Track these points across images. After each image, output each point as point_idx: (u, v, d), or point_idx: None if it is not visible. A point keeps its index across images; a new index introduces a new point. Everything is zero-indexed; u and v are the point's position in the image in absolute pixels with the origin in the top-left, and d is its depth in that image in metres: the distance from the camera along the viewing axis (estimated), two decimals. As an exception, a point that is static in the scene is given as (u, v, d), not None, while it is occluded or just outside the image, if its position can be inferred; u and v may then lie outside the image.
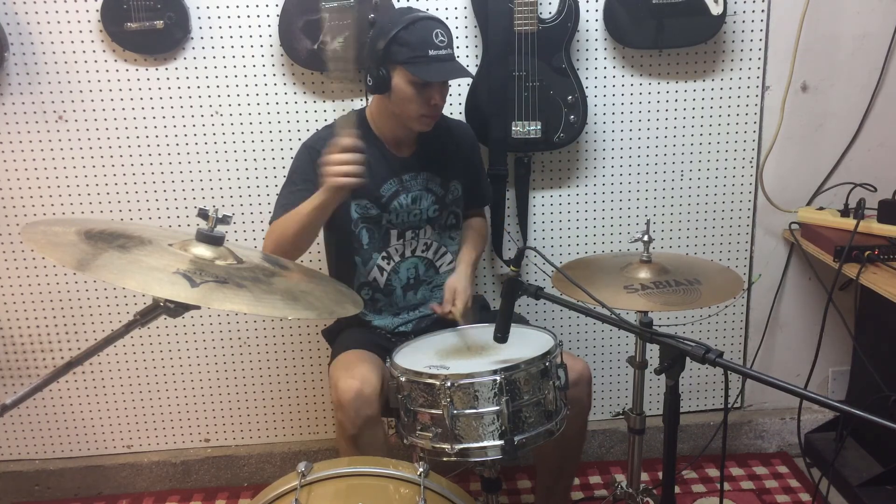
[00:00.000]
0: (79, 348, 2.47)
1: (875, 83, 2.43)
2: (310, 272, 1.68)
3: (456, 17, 2.32)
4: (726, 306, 2.59)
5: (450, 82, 1.98)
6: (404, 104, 1.90)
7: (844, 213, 2.32)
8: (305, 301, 1.39)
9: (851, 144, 2.48)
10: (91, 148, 2.35)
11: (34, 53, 2.27)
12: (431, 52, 1.84)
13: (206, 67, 2.31)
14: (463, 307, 2.00)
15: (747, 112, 2.44)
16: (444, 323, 2.04)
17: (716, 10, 2.25)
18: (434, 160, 2.06)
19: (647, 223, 1.94)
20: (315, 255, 2.34)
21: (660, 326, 1.64)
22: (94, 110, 2.32)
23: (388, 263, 2.05)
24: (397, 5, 2.25)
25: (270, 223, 1.95)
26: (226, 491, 2.60)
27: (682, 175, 2.49)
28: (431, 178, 2.05)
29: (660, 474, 2.26)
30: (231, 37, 2.30)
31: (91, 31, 2.27)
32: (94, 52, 2.28)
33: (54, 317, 2.47)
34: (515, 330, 1.70)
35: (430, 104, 1.91)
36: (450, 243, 2.13)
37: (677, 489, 2.44)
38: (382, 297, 2.07)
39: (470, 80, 2.31)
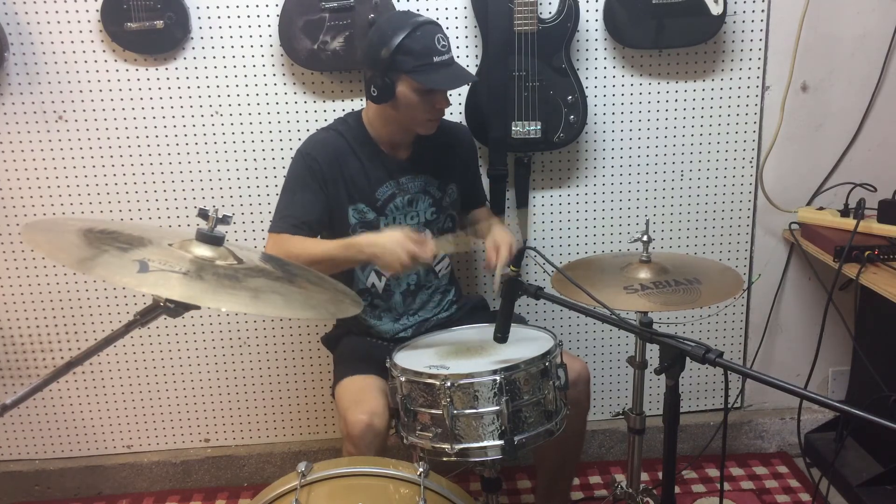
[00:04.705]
0: (79, 348, 2.47)
1: (875, 83, 2.43)
2: (310, 273, 1.68)
3: (456, 18, 2.32)
4: (726, 306, 2.59)
5: None
6: (410, 111, 1.90)
7: (844, 213, 2.32)
8: (271, 301, 1.36)
9: (851, 144, 2.48)
10: (91, 148, 2.35)
11: (34, 53, 2.27)
12: (436, 59, 1.84)
13: (206, 67, 2.31)
14: (508, 254, 1.95)
15: (747, 112, 2.44)
16: (445, 325, 2.04)
17: (716, 10, 2.25)
18: (431, 162, 2.06)
19: (647, 223, 1.94)
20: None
21: (660, 326, 1.63)
22: (94, 110, 2.32)
23: None
24: (397, 6, 2.25)
25: (271, 231, 1.94)
26: (226, 491, 2.60)
27: (682, 175, 2.49)
28: (429, 181, 2.05)
29: (660, 474, 2.26)
30: (231, 37, 2.30)
31: (91, 31, 2.26)
32: (94, 52, 2.28)
33: (54, 317, 2.47)
34: (515, 330, 1.70)
35: (436, 109, 1.92)
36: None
37: (677, 489, 2.44)
38: (382, 303, 2.07)
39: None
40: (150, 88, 2.32)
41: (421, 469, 1.48)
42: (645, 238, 1.91)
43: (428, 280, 2.09)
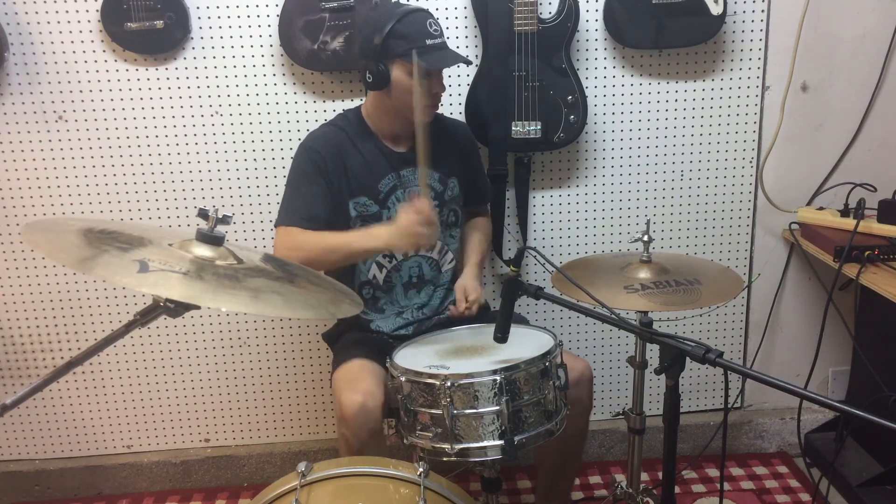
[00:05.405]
0: (79, 348, 2.47)
1: (875, 83, 2.43)
2: (310, 273, 1.68)
3: (456, 17, 2.32)
4: (726, 306, 2.59)
5: (448, 80, 1.99)
6: (405, 97, 1.90)
7: (844, 213, 2.32)
8: (270, 301, 1.36)
9: (851, 144, 2.48)
10: (91, 148, 2.35)
11: (34, 53, 2.27)
12: (429, 42, 1.87)
13: (206, 67, 2.31)
14: (476, 304, 2.01)
15: (747, 112, 2.44)
16: (445, 325, 2.04)
17: (716, 10, 2.25)
18: (432, 155, 2.05)
19: (647, 223, 1.94)
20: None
21: (660, 326, 1.64)
22: (94, 110, 2.32)
23: (390, 261, 2.05)
24: (397, 5, 2.25)
25: (278, 225, 1.95)
26: (226, 491, 2.60)
27: (682, 175, 2.49)
28: (430, 174, 2.05)
29: (660, 474, 2.26)
30: (231, 37, 2.30)
31: (91, 31, 2.27)
32: (94, 52, 2.28)
33: (54, 317, 2.47)
34: (515, 330, 1.70)
35: (431, 94, 1.93)
36: (451, 242, 2.13)
37: (677, 489, 2.44)
38: (383, 295, 2.07)
39: (470, 80, 2.31)
40: (150, 88, 2.32)
41: (421, 469, 1.48)
42: (645, 238, 1.91)
43: (433, 275, 2.10)
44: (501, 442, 1.60)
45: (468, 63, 2.00)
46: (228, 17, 2.28)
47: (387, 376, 1.78)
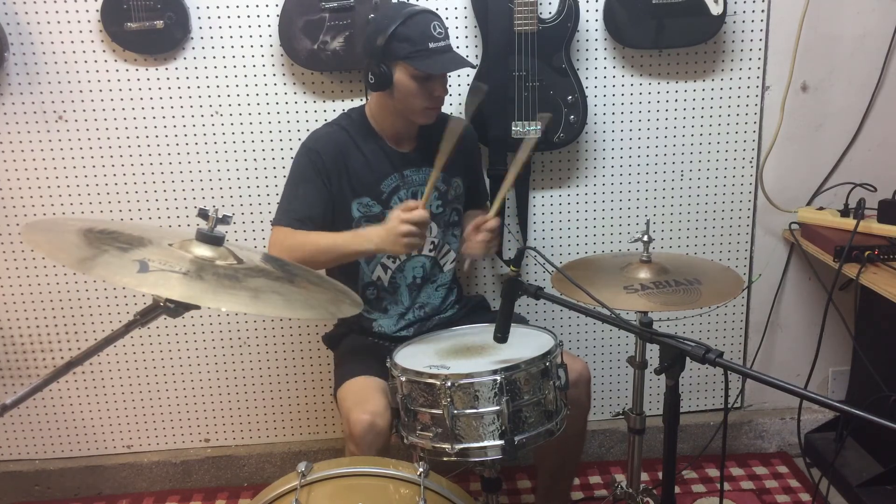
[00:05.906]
0: (79, 348, 2.47)
1: (875, 83, 2.43)
2: (309, 273, 1.68)
3: (456, 17, 2.32)
4: (726, 306, 2.59)
5: (448, 79, 1.99)
6: (408, 99, 1.90)
7: (844, 213, 2.32)
8: (270, 300, 1.36)
9: (851, 144, 2.48)
10: (91, 148, 2.35)
11: (34, 53, 2.27)
12: (432, 45, 1.86)
13: (206, 67, 2.31)
14: (493, 227, 1.96)
15: (747, 112, 2.44)
16: (445, 325, 2.04)
17: (716, 10, 2.25)
18: (435, 155, 2.05)
19: (647, 223, 1.94)
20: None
21: (660, 326, 1.64)
22: (94, 110, 2.32)
23: (394, 262, 2.05)
24: (397, 5, 2.25)
25: (274, 224, 1.95)
26: (226, 491, 2.60)
27: (682, 175, 2.49)
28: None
29: (660, 474, 2.26)
30: (231, 37, 2.30)
31: (91, 31, 2.27)
32: (94, 52, 2.28)
33: (54, 317, 2.47)
34: (515, 330, 1.70)
35: (434, 96, 1.92)
36: (452, 241, 2.13)
37: (677, 489, 2.44)
38: (387, 296, 2.07)
39: (470, 80, 2.31)
40: (150, 88, 2.32)
41: (421, 469, 1.48)
42: (645, 238, 1.91)
43: (433, 273, 2.10)
44: (501, 442, 1.60)
45: (472, 67, 2.00)
46: (228, 17, 2.28)
47: (389, 384, 1.77)
